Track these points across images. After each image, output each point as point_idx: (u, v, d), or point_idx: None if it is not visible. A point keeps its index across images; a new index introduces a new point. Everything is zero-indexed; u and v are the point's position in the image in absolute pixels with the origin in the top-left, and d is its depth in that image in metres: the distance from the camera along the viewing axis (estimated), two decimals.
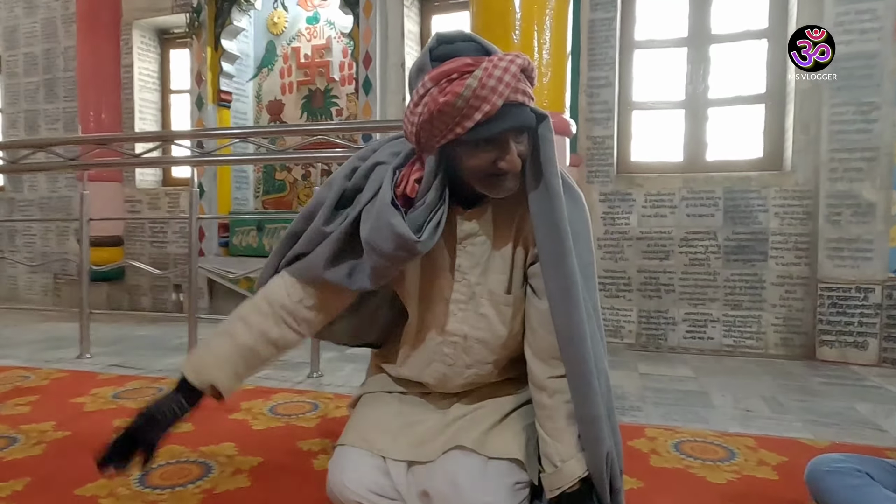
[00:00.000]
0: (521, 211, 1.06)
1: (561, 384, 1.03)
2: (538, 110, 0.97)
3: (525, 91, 0.92)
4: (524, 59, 0.93)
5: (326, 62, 4.09)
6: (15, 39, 5.14)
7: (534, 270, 1.07)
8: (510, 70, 0.89)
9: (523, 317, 1.11)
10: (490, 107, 0.89)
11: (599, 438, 0.99)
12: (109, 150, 2.89)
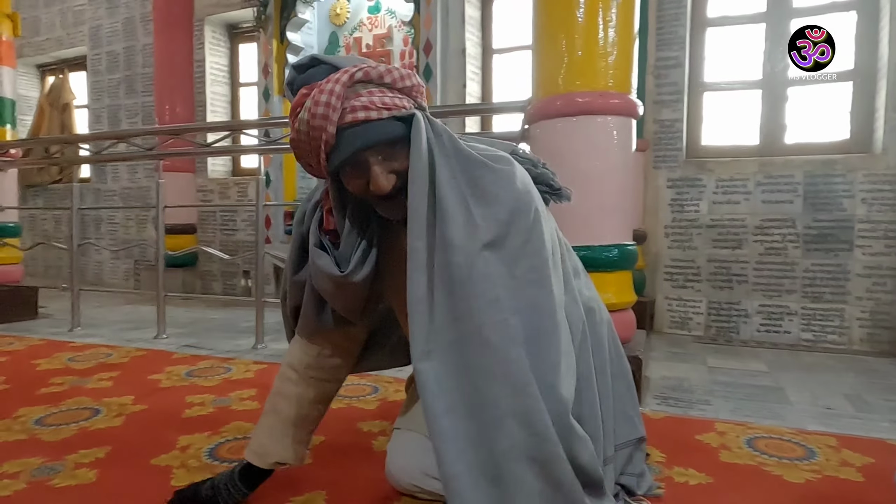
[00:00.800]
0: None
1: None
2: (408, 109, 0.88)
3: (366, 105, 0.84)
4: (356, 69, 0.85)
5: (387, 51, 4.11)
6: (98, 39, 5.46)
7: None
8: (334, 91, 0.82)
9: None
10: (327, 136, 0.83)
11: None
12: (182, 140, 3.02)
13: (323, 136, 0.84)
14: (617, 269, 1.93)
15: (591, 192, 1.90)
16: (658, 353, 2.66)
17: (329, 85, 0.84)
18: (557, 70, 1.92)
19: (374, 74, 0.86)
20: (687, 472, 1.31)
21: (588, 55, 1.88)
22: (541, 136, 2.00)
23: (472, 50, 3.75)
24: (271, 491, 1.17)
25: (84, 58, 5.63)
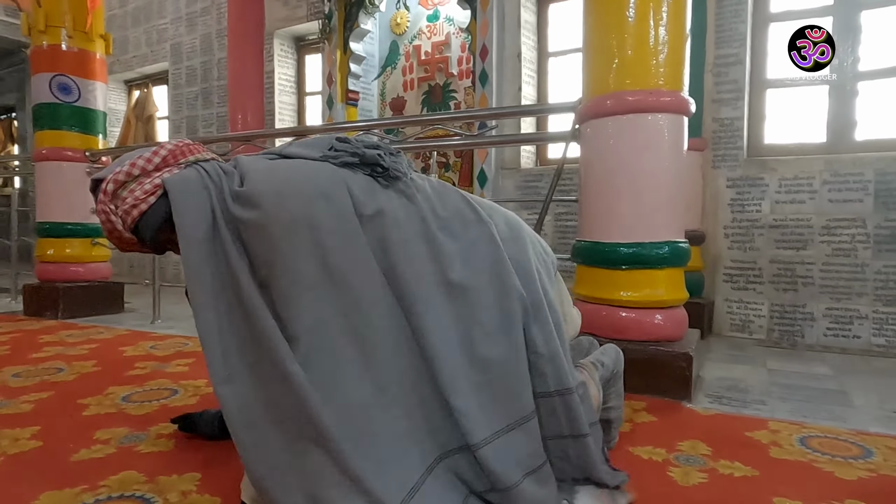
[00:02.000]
0: None
1: None
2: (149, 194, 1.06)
3: (133, 204, 1.04)
4: (107, 182, 1.06)
5: (445, 58, 4.22)
6: (179, 55, 5.86)
7: None
8: (106, 209, 1.08)
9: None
10: (128, 237, 1.10)
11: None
12: (253, 146, 3.22)
13: (126, 237, 1.09)
14: (668, 266, 1.93)
15: (642, 190, 1.92)
16: (716, 354, 2.61)
17: (101, 206, 1.07)
18: (608, 69, 1.95)
19: (122, 178, 1.06)
20: (732, 465, 1.31)
21: (638, 54, 1.90)
22: (591, 134, 2.03)
23: (528, 54, 3.79)
24: None
25: (166, 72, 6.06)
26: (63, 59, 3.54)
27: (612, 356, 1.37)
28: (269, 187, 0.99)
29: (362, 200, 1.03)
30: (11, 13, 6.08)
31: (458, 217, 1.11)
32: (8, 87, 8.12)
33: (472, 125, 3.60)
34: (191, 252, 0.97)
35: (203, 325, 0.95)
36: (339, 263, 0.97)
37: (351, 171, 1.07)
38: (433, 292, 1.02)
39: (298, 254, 0.95)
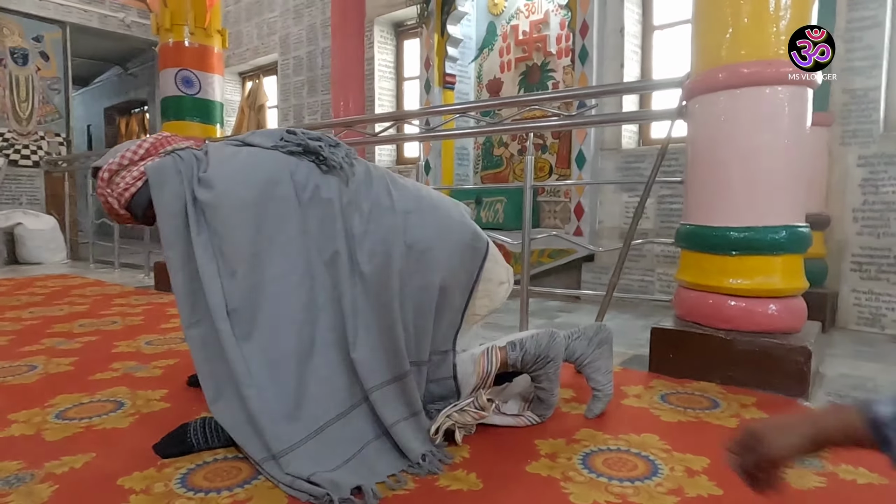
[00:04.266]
0: None
1: None
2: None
3: (125, 188, 1.31)
4: (104, 170, 1.31)
5: (544, 36, 4.12)
6: (287, 46, 6.17)
7: None
8: (105, 192, 1.34)
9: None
10: (124, 213, 1.38)
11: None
12: (354, 131, 3.34)
13: (122, 214, 1.35)
14: (785, 253, 1.78)
15: (756, 170, 1.78)
16: (840, 350, 2.38)
17: (100, 190, 1.33)
18: (720, 39, 1.81)
19: (114, 167, 1.31)
20: (856, 471, 1.20)
21: (755, 21, 1.75)
22: (700, 111, 1.90)
23: (632, 28, 3.61)
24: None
25: (275, 63, 6.41)
26: (186, 54, 3.85)
27: (543, 342, 1.41)
28: (223, 173, 1.23)
29: (303, 184, 1.25)
30: (143, 15, 6.68)
31: (376, 205, 1.30)
32: (141, 83, 8.96)
33: (570, 105, 3.50)
34: (165, 226, 1.22)
35: (175, 284, 1.22)
36: (275, 237, 1.21)
37: (296, 159, 1.28)
38: (347, 264, 1.24)
39: (242, 228, 1.20)
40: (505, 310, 1.88)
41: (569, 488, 1.11)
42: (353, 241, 1.26)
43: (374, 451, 1.19)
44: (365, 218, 1.28)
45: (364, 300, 1.24)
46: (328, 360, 1.22)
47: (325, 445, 1.15)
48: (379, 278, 1.25)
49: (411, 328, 1.28)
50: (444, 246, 1.33)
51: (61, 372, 1.87)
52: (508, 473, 1.18)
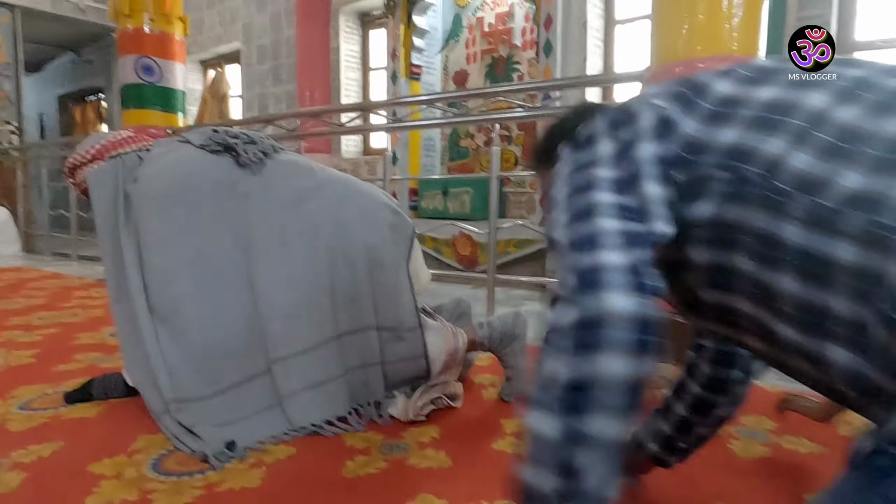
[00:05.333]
0: None
1: None
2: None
3: (79, 183, 1.55)
4: (68, 164, 1.54)
5: (509, 29, 4.17)
6: (250, 34, 6.07)
7: None
8: (76, 181, 1.57)
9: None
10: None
11: None
12: (321, 121, 3.33)
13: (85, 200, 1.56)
14: None
15: None
16: None
17: (67, 180, 1.58)
18: (677, 35, 1.89)
19: (73, 163, 1.53)
20: (798, 440, 1.29)
21: (710, 18, 1.83)
22: None
23: (595, 22, 3.69)
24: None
25: (238, 52, 6.29)
26: (146, 41, 3.76)
27: (509, 320, 1.55)
28: (149, 170, 1.42)
29: (221, 179, 1.41)
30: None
31: (302, 191, 1.44)
32: (97, 70, 8.67)
33: (534, 97, 3.56)
34: (98, 220, 1.43)
35: (106, 268, 1.44)
36: (189, 224, 1.36)
37: (217, 156, 1.44)
38: (268, 249, 1.38)
39: (155, 216, 1.37)
40: (472, 299, 1.93)
41: None
42: (275, 227, 1.40)
43: (271, 414, 1.32)
44: (288, 203, 1.42)
45: (284, 278, 1.37)
46: (237, 333, 1.34)
47: (222, 405, 1.29)
48: (305, 255, 1.39)
49: (342, 299, 1.40)
50: (368, 223, 1.45)
51: (23, 364, 1.83)
52: (476, 451, 1.23)
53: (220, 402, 1.30)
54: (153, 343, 1.32)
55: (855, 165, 0.50)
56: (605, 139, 0.66)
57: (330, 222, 1.41)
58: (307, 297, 1.37)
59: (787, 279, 0.53)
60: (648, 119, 0.64)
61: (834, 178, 0.50)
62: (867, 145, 0.50)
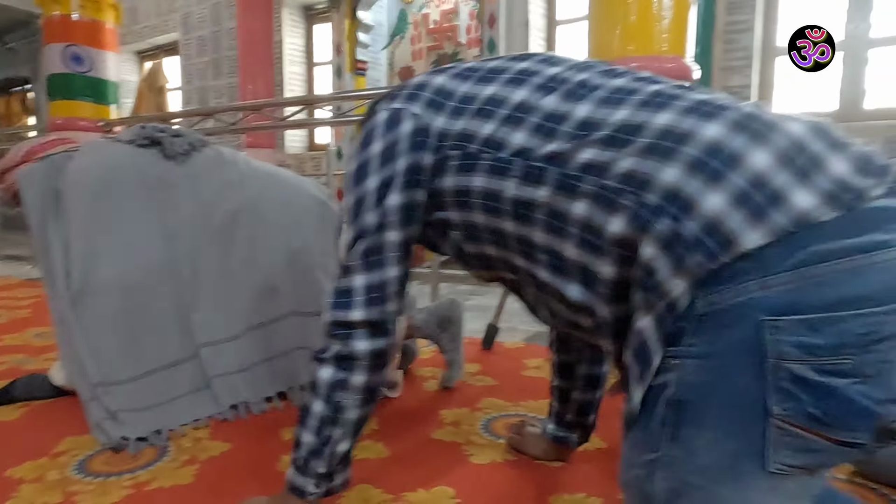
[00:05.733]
0: None
1: None
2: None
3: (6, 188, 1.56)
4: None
5: (454, 26, 4.20)
6: (189, 25, 5.87)
7: None
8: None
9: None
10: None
11: None
12: (262, 115, 3.26)
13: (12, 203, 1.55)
14: None
15: None
16: None
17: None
18: (612, 35, 1.95)
19: (6, 166, 1.54)
20: None
21: (641, 19, 1.90)
22: None
23: (537, 21, 3.76)
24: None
25: (176, 43, 6.07)
26: (74, 29, 3.58)
27: (444, 304, 1.63)
28: (78, 165, 1.43)
29: (148, 171, 1.44)
30: None
31: (228, 183, 1.49)
32: (22, 59, 8.17)
33: None
34: (30, 219, 1.42)
35: (40, 266, 1.43)
36: (113, 215, 1.38)
37: (145, 150, 1.47)
38: (193, 239, 1.42)
39: (84, 209, 1.38)
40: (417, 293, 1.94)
41: (470, 450, 1.19)
42: (198, 218, 1.45)
43: (197, 397, 1.36)
44: (213, 195, 1.47)
45: (210, 267, 1.43)
46: (162, 321, 1.37)
47: (149, 387, 1.32)
48: (228, 246, 1.45)
49: (264, 289, 1.45)
50: (292, 213, 1.51)
51: None
52: (414, 441, 1.24)
53: (147, 383, 1.32)
54: (80, 337, 1.30)
55: (557, 138, 0.66)
56: (379, 139, 0.81)
57: (253, 214, 1.47)
58: (231, 286, 1.44)
59: (507, 223, 0.71)
60: (408, 127, 0.79)
61: (543, 148, 0.67)
62: (560, 124, 0.67)
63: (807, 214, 0.51)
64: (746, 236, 0.51)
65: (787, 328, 0.50)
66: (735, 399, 0.54)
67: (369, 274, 0.81)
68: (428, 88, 0.82)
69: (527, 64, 0.77)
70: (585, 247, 0.63)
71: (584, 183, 0.62)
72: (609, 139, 0.62)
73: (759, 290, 0.51)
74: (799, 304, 0.50)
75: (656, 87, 0.66)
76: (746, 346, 0.52)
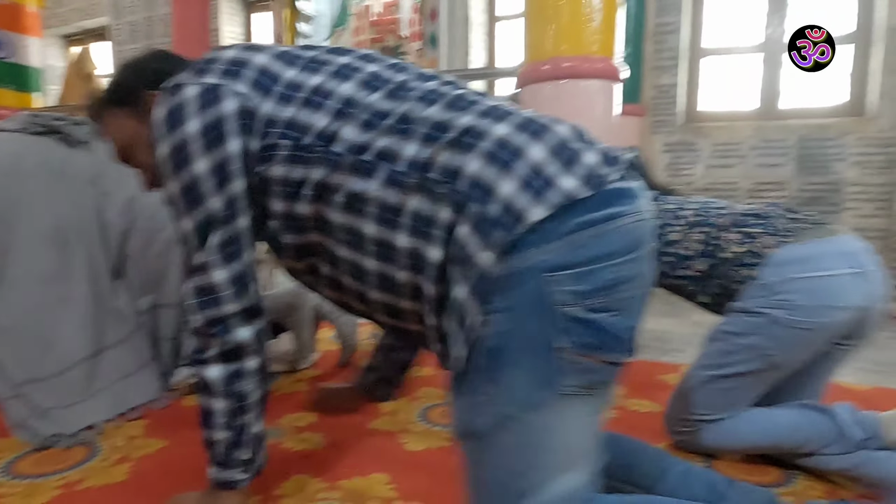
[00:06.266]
0: None
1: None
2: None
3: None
4: None
5: (396, 19, 4.19)
6: (120, 9, 5.61)
7: None
8: None
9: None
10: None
11: None
12: None
13: None
14: None
15: None
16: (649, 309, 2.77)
17: None
18: (545, 34, 2.02)
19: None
20: (640, 403, 1.46)
21: (573, 20, 1.97)
22: (530, 99, 2.10)
23: (478, 17, 3.81)
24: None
25: (105, 28, 5.79)
26: None
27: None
28: None
29: (48, 159, 1.41)
30: None
31: (117, 173, 1.47)
32: None
33: None
34: None
35: None
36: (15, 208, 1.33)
37: (40, 137, 1.44)
38: (86, 233, 1.40)
39: None
40: None
41: (406, 439, 1.23)
42: (103, 208, 1.44)
43: (120, 389, 1.37)
44: (113, 183, 1.47)
45: (117, 255, 1.45)
46: (79, 312, 1.35)
47: (71, 382, 1.30)
48: (125, 235, 1.46)
49: (143, 281, 1.48)
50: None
51: None
52: (352, 431, 1.27)
53: (72, 378, 1.30)
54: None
55: (384, 134, 0.73)
56: (195, 117, 0.77)
57: (145, 203, 1.48)
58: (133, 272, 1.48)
59: (337, 214, 0.74)
60: (232, 106, 0.76)
61: (373, 143, 0.72)
62: (385, 120, 0.73)
63: (571, 194, 0.65)
64: (532, 212, 0.64)
65: (561, 281, 0.64)
66: (531, 340, 0.66)
67: (230, 266, 0.80)
68: (250, 67, 0.79)
69: (348, 59, 0.81)
70: (417, 235, 0.70)
71: (409, 177, 0.70)
72: (426, 136, 0.71)
73: (540, 254, 0.65)
74: (568, 262, 0.65)
75: (460, 91, 0.77)
76: (534, 298, 0.65)
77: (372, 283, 0.76)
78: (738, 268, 1.10)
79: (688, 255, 1.17)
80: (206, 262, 0.80)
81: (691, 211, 1.22)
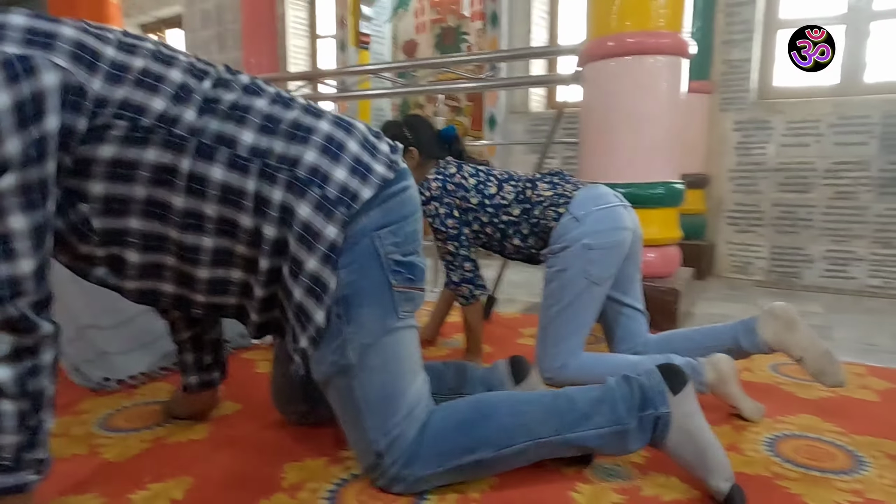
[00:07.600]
0: None
1: None
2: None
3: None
4: None
5: None
6: None
7: None
8: None
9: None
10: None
11: None
12: None
13: None
14: (662, 206, 2.01)
15: (639, 132, 1.97)
16: (712, 293, 2.70)
17: None
18: (609, 10, 1.97)
19: None
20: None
21: None
22: (593, 77, 2.07)
23: None
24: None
25: (179, 16, 6.06)
26: (80, 4, 3.60)
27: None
28: None
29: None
30: None
31: None
32: None
33: (481, 68, 3.61)
34: None
35: None
36: None
37: None
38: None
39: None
40: None
41: None
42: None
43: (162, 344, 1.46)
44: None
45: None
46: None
47: (127, 332, 1.45)
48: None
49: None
50: None
51: None
52: None
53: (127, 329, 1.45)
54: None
55: (222, 120, 0.83)
56: (4, 89, 0.67)
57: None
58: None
59: (176, 197, 0.81)
60: (53, 80, 0.70)
61: (209, 126, 0.81)
62: (218, 105, 0.83)
63: (384, 176, 0.90)
64: (364, 192, 0.87)
65: (384, 236, 0.88)
66: (373, 283, 0.88)
67: (34, 256, 0.72)
68: (61, 39, 0.73)
69: (152, 45, 0.85)
70: (257, 215, 0.83)
71: (251, 163, 0.82)
72: (261, 126, 0.84)
73: (368, 220, 0.87)
74: (387, 222, 0.89)
75: (273, 89, 0.92)
76: (369, 251, 0.87)
77: (205, 260, 0.86)
78: (551, 207, 1.39)
79: (505, 203, 1.45)
80: (11, 247, 0.71)
81: (497, 172, 1.53)
